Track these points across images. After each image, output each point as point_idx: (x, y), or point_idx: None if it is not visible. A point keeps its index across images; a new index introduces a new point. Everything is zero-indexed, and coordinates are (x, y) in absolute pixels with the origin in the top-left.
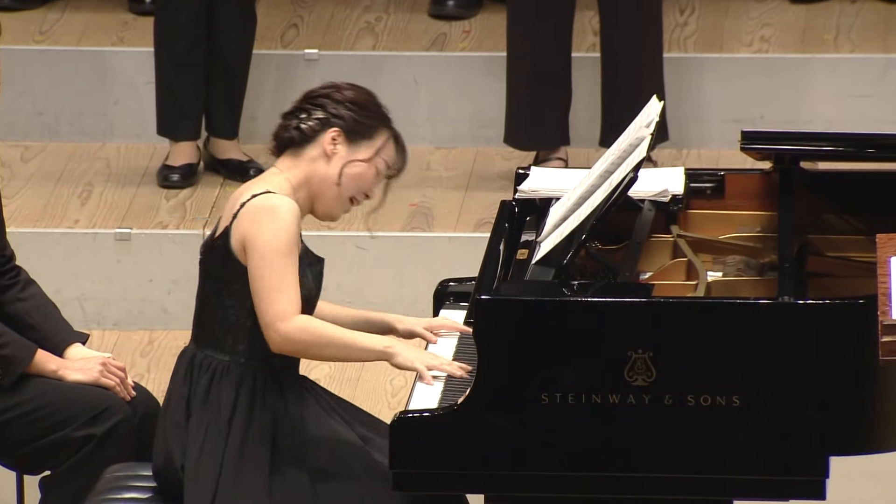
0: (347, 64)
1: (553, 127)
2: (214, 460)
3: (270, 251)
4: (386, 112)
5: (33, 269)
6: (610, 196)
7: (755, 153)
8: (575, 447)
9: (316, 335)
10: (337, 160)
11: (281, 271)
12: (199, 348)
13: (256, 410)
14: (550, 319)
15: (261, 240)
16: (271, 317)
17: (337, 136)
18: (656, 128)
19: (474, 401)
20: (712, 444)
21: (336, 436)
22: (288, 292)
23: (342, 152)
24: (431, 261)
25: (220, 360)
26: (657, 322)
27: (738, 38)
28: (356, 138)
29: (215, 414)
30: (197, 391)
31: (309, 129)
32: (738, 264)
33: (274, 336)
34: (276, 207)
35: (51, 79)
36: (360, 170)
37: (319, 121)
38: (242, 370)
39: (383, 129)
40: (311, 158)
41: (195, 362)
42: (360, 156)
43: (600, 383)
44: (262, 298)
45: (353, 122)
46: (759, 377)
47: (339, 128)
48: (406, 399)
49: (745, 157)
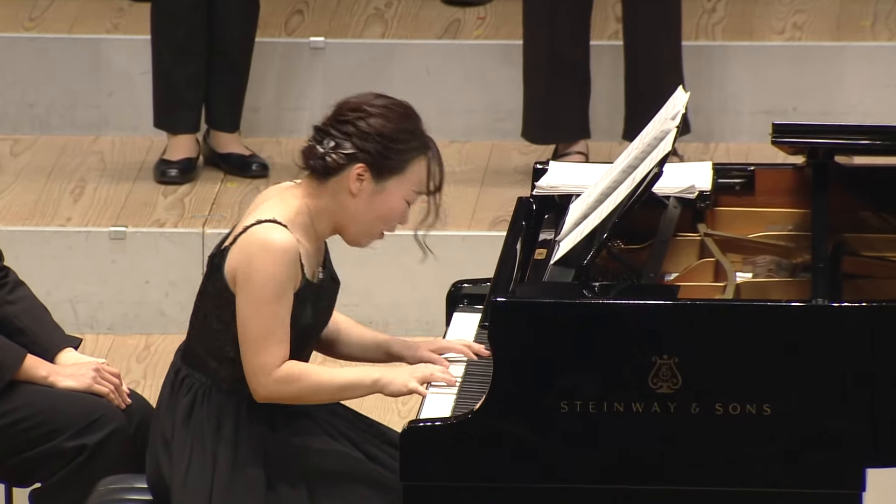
0: (355, 53)
1: (572, 119)
2: (203, 485)
3: (258, 298)
4: (420, 134)
5: (23, 270)
6: (633, 192)
7: (787, 147)
8: (595, 458)
9: (301, 386)
10: (364, 198)
11: (269, 319)
12: (183, 362)
13: (242, 438)
14: (570, 323)
15: (250, 281)
16: (255, 368)
17: (363, 173)
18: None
19: (489, 409)
20: (741, 455)
21: (337, 455)
22: (274, 341)
23: (368, 189)
24: (444, 261)
25: (202, 382)
26: (683, 326)
27: (768, 24)
28: (384, 174)
29: (199, 437)
30: (178, 411)
31: (334, 163)
32: (769, 265)
33: (257, 388)
34: (270, 245)
35: (41, 68)
36: (389, 207)
37: (345, 155)
38: (224, 398)
39: (417, 159)
40: (335, 191)
41: (178, 377)
42: (388, 192)
43: (623, 391)
44: (247, 345)
45: (380, 157)
46: (792, 384)
47: (364, 163)
48: (417, 408)
49: (776, 152)
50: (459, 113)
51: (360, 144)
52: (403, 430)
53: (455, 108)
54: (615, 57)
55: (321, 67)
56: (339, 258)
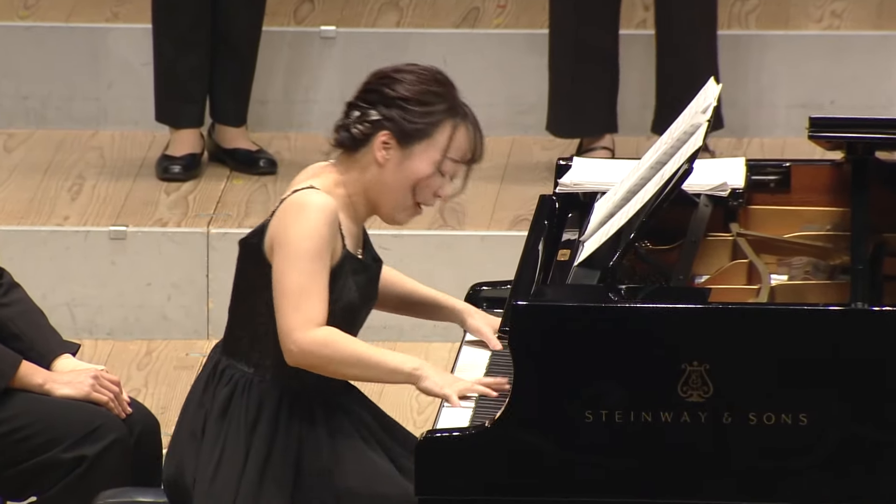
0: (368, 42)
1: (600, 112)
2: (231, 481)
3: (294, 252)
4: (450, 97)
5: (17, 272)
6: (662, 190)
7: (825, 142)
8: (622, 471)
9: (337, 351)
10: (391, 167)
11: (306, 275)
12: (223, 354)
13: (280, 432)
14: (595, 328)
15: (286, 239)
16: (290, 325)
17: (388, 140)
18: (713, 114)
19: (509, 419)
20: (776, 467)
21: (368, 461)
22: (311, 299)
23: (396, 158)
24: (462, 262)
25: (244, 372)
26: (714, 331)
27: (805, 12)
28: (410, 141)
29: (234, 431)
30: (215, 403)
31: (359, 134)
32: (806, 266)
33: (291, 347)
34: (308, 204)
35: (37, 59)
36: (418, 174)
37: (371, 123)
38: (267, 388)
39: (445, 123)
40: (364, 164)
41: (218, 369)
42: (414, 157)
43: (651, 399)
44: (281, 303)
45: (404, 122)
46: (829, 393)
47: (389, 131)
48: (434, 417)
49: (813, 147)
50: (478, 106)
51: (385, 112)
52: (419, 442)
53: (474, 101)
54: (643, 47)
55: (332, 58)
56: None
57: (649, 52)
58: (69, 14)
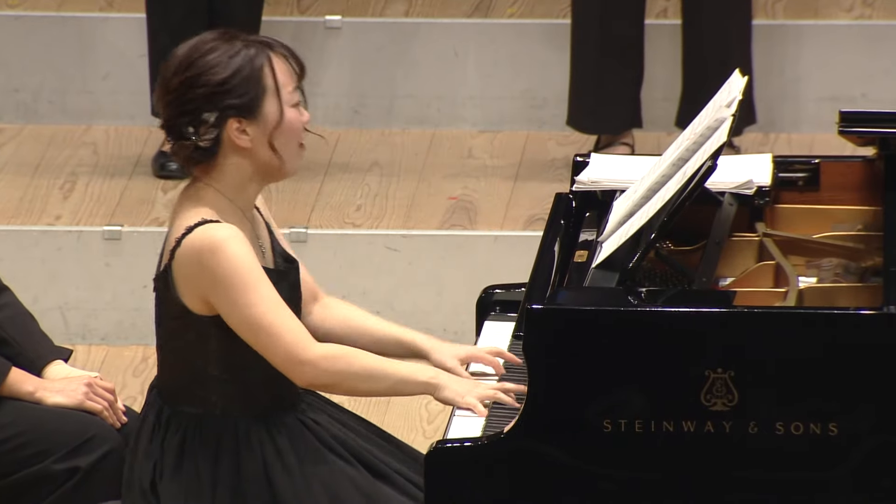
0: (375, 33)
1: (624, 107)
2: None
3: (237, 291)
4: (247, 50)
5: (7, 274)
6: (684, 188)
7: (856, 137)
8: (643, 483)
9: (351, 364)
10: (257, 142)
11: (266, 301)
12: (164, 402)
13: (244, 466)
14: (613, 333)
15: (220, 282)
16: (289, 352)
17: (239, 124)
18: (739, 108)
19: (524, 428)
20: (805, 480)
21: (339, 474)
22: (286, 320)
23: (254, 131)
24: (474, 264)
25: (191, 414)
26: (739, 336)
27: (836, 1)
28: (254, 109)
29: (193, 483)
30: (166, 456)
31: (209, 142)
32: (836, 268)
33: (303, 368)
34: (218, 242)
35: (27, 50)
36: (282, 126)
37: (212, 125)
38: (219, 423)
39: (262, 69)
40: (231, 161)
41: (162, 419)
42: (269, 117)
43: (672, 408)
44: (262, 340)
45: (239, 100)
46: (861, 401)
47: (233, 117)
48: (444, 426)
49: (843, 142)
50: (491, 100)
51: (217, 106)
52: (429, 452)
53: (486, 94)
54: (665, 37)
55: (337, 49)
56: (356, 263)
57: (671, 42)
58: (61, 3)
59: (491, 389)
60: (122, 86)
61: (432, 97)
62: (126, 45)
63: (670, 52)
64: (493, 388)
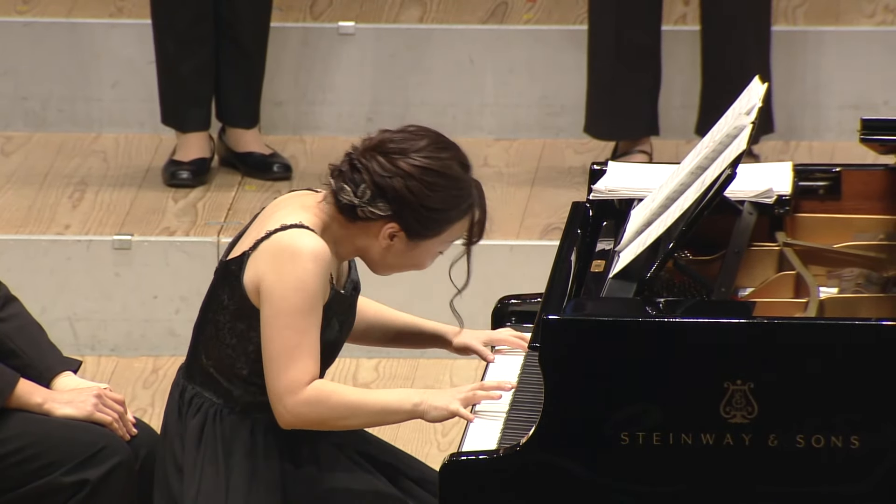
0: (389, 39)
1: (641, 114)
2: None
3: (288, 310)
4: (466, 195)
5: (15, 284)
6: (703, 197)
7: (878, 145)
8: (661, 497)
9: (331, 407)
10: (392, 251)
11: (299, 333)
12: (188, 380)
13: (259, 465)
14: (631, 344)
15: (278, 293)
16: (280, 389)
17: (396, 233)
18: (759, 115)
19: (540, 441)
20: (826, 494)
21: (357, 483)
22: (302, 358)
23: (400, 246)
24: (489, 274)
25: (212, 402)
26: (759, 347)
27: (857, 7)
28: (419, 238)
29: (212, 457)
30: (187, 432)
31: (364, 215)
32: (857, 278)
33: (282, 412)
34: (301, 252)
35: (36, 57)
36: (419, 261)
37: (379, 212)
38: (237, 420)
39: (458, 221)
40: (363, 232)
41: (185, 398)
42: (420, 250)
43: (691, 421)
44: (271, 362)
45: (417, 225)
46: (884, 414)
47: (399, 225)
48: (459, 438)
49: (865, 151)
50: (507, 107)
51: (398, 210)
52: (443, 465)
53: (502, 101)
54: (683, 44)
55: (351, 56)
56: (370, 272)
57: (689, 49)
58: (70, 9)
59: (471, 391)
60: (132, 93)
61: (447, 104)
62: (135, 53)
63: (689, 58)
64: (471, 389)
